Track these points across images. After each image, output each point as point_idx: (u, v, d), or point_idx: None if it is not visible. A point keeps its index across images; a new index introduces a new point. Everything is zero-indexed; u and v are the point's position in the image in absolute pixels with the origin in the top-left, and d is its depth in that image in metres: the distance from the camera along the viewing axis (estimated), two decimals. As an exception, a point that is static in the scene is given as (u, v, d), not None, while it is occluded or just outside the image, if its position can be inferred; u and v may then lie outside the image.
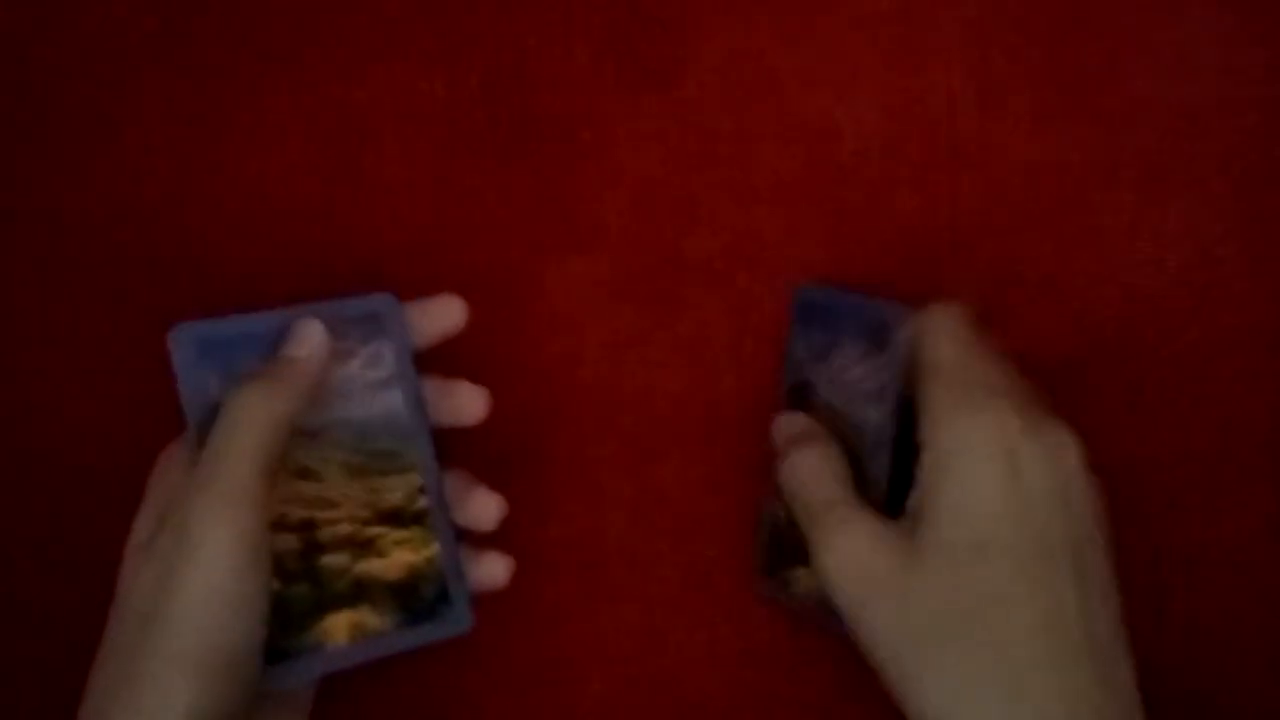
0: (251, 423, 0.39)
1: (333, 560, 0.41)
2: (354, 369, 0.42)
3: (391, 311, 0.43)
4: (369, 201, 0.48)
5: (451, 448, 0.44)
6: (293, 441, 0.41)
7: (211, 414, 0.40)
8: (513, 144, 0.48)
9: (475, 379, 0.47)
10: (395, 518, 0.42)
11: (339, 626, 0.41)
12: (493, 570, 0.43)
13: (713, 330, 0.48)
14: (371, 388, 0.43)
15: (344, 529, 0.42)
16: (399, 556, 0.42)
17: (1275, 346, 0.47)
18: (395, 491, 0.42)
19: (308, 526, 0.41)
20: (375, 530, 0.42)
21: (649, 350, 0.48)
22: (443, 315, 0.44)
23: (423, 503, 0.43)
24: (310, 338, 0.41)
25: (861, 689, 0.47)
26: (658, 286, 0.48)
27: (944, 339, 0.40)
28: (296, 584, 0.41)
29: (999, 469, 0.37)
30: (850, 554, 0.39)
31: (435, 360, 0.45)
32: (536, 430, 0.48)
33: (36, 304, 0.48)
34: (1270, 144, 0.47)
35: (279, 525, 0.41)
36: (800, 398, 0.45)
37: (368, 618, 0.41)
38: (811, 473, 0.42)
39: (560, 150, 0.48)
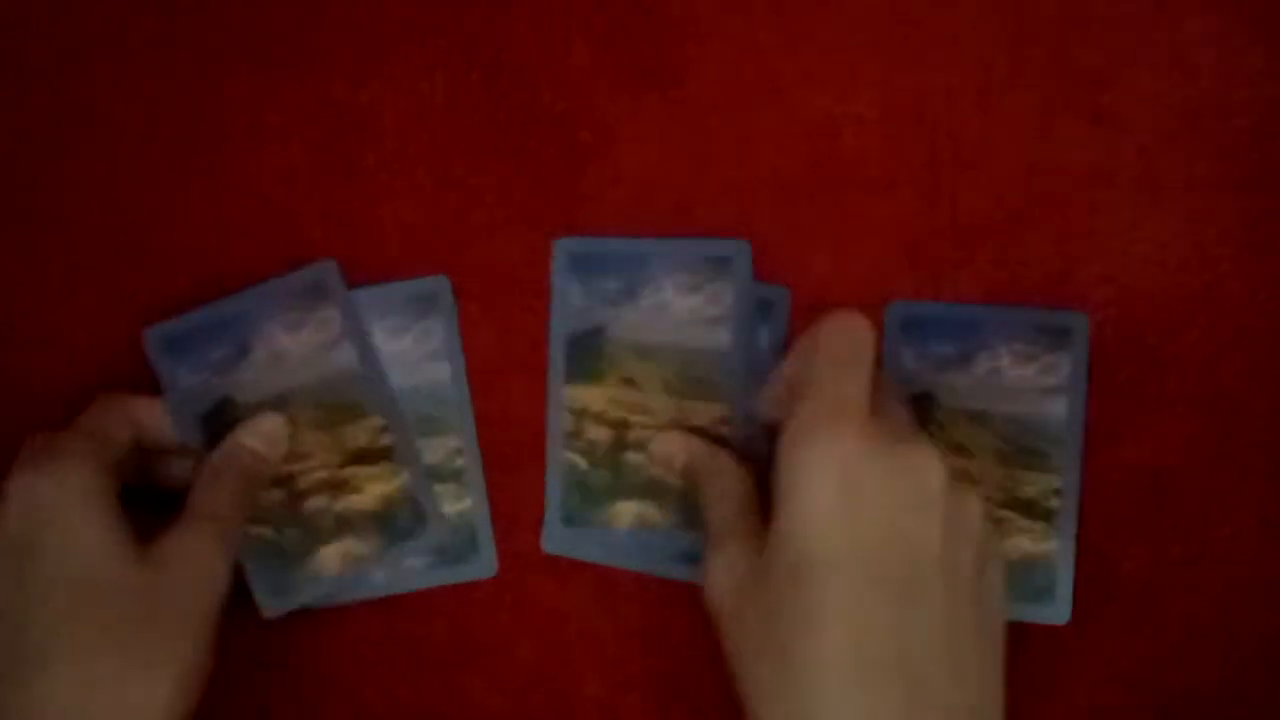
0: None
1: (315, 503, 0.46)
2: (305, 336, 0.46)
3: (333, 278, 0.47)
4: (369, 202, 0.48)
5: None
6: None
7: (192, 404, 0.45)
8: (513, 144, 0.48)
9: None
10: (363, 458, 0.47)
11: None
12: None
13: (713, 330, 0.48)
14: (324, 348, 0.46)
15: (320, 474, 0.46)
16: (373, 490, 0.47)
17: (1275, 346, 0.47)
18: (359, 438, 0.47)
19: (288, 479, 0.46)
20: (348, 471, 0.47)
21: (649, 350, 0.48)
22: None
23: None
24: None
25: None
26: (658, 286, 0.48)
27: (823, 355, 0.40)
28: (290, 528, 0.46)
29: (831, 493, 0.37)
30: (716, 578, 0.40)
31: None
32: (537, 429, 0.47)
33: (36, 304, 0.48)
34: (1270, 144, 0.47)
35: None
36: (915, 408, 0.46)
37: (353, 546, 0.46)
38: (716, 495, 0.43)
39: (560, 150, 0.48)
